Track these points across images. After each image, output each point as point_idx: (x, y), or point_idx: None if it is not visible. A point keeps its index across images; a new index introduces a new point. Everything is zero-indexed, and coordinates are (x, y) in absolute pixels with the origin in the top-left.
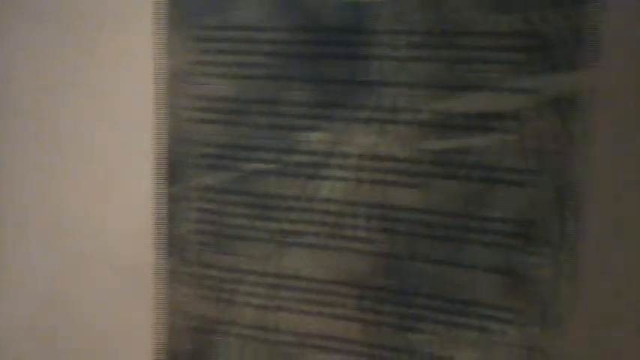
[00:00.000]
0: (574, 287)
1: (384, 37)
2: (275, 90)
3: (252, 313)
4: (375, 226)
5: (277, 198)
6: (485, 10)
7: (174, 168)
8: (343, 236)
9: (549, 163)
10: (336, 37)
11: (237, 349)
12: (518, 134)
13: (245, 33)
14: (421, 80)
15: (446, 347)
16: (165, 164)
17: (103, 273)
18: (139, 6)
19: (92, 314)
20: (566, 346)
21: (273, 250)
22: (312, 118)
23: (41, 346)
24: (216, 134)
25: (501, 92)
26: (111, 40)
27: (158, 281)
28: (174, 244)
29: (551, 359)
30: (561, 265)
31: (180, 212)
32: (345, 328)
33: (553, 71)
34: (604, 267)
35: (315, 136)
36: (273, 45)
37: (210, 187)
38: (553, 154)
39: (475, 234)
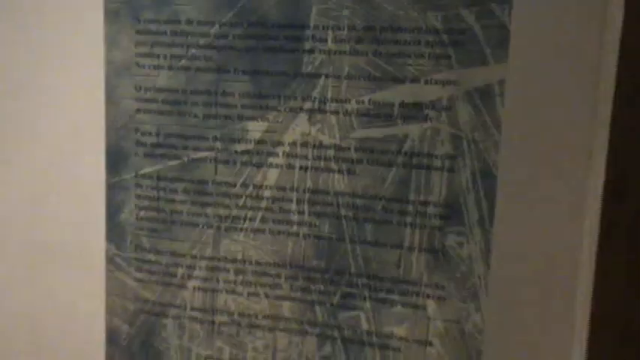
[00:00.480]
0: (487, 264)
1: (316, 31)
2: (213, 81)
3: (193, 296)
4: (307, 210)
5: (215, 185)
6: (407, 8)
7: (118, 157)
8: (277, 220)
9: (466, 149)
10: (272, 32)
11: (179, 331)
12: (437, 123)
13: (185, 27)
14: (349, 72)
15: (374, 322)
16: (109, 154)
17: (54, 260)
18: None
19: (43, 300)
20: (480, 318)
21: (212, 235)
22: (248, 108)
23: None
24: (157, 124)
25: (421, 84)
26: (58, 33)
27: (106, 267)
28: (119, 231)
29: (466, 330)
30: (476, 244)
31: (125, 200)
32: (281, 308)
33: (468, 65)
34: (515, 246)
35: (250, 125)
36: (212, 38)
37: (152, 175)
38: (470, 142)
39: (400, 216)
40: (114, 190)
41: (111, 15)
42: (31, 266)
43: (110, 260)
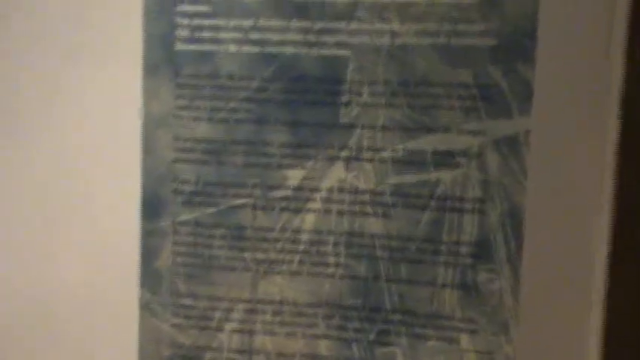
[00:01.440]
0: (517, 298)
1: (353, 85)
2: (252, 132)
3: (231, 338)
4: (343, 252)
5: (253, 230)
6: (438, 65)
7: (155, 205)
8: (315, 262)
9: (494, 193)
10: (310, 86)
11: None
12: (467, 169)
13: (225, 81)
14: (384, 123)
15: (410, 357)
16: (145, 202)
17: (90, 306)
18: (125, 50)
19: (79, 346)
20: (511, 350)
21: (250, 278)
22: (286, 157)
23: None
24: (195, 173)
25: (453, 134)
26: (97, 83)
27: (142, 313)
28: (155, 277)
29: None
30: (506, 280)
31: (161, 246)
32: (318, 346)
33: (496, 117)
34: (542, 280)
35: (289, 173)
36: (252, 92)
37: (190, 222)
38: (498, 186)
39: (433, 255)
40: (150, 237)
41: (150, 69)
42: (67, 311)
43: (144, 306)
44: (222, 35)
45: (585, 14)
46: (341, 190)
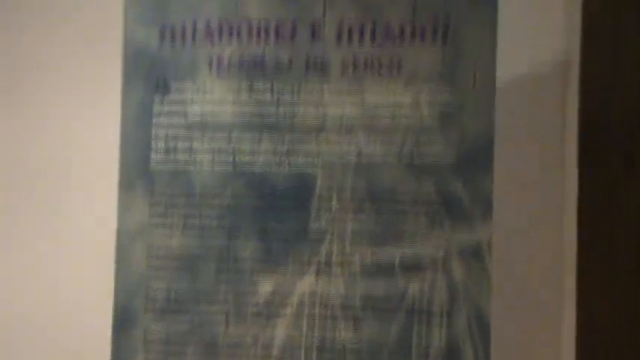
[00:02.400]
0: None
1: (322, 195)
2: (225, 243)
3: None
4: (315, 357)
5: (224, 342)
6: (403, 178)
7: (128, 317)
8: None
9: (461, 300)
10: (280, 198)
11: None
12: (434, 278)
13: (198, 193)
14: (353, 232)
15: None
16: (119, 314)
17: None
18: (101, 167)
19: None
20: None
21: None
22: (258, 267)
23: None
24: (168, 283)
25: (419, 244)
26: (72, 197)
27: None
28: None
29: None
30: None
31: (135, 354)
32: None
33: (458, 227)
34: None
35: (259, 283)
36: (224, 204)
37: (162, 335)
38: (463, 293)
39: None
40: (121, 347)
41: (126, 185)
42: None
43: None
44: (196, 154)
45: (539, 129)
46: (312, 299)
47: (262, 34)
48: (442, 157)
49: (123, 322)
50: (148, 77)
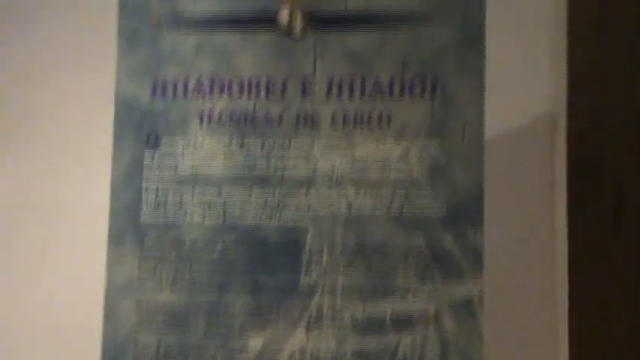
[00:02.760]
0: None
1: (313, 249)
2: (215, 297)
3: None
4: None
5: None
6: (393, 232)
7: None
8: None
9: (452, 354)
10: (271, 251)
11: None
12: (425, 331)
13: (189, 246)
14: (343, 286)
15: None
16: None
17: None
18: (90, 220)
19: None
20: None
21: None
22: (247, 323)
23: None
24: (157, 338)
25: (410, 298)
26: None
27: None
28: None
29: None
30: None
31: None
32: None
33: (449, 280)
34: None
35: (249, 338)
36: (214, 257)
37: None
38: (455, 346)
39: None
40: None
41: (115, 239)
42: None
43: None
44: (186, 207)
45: (529, 181)
46: (302, 355)
47: (253, 90)
48: (432, 210)
49: None
50: (139, 131)
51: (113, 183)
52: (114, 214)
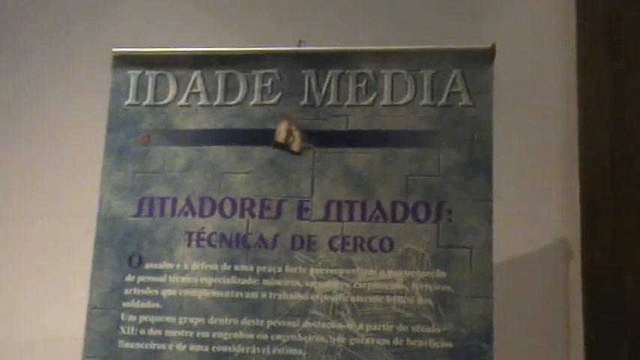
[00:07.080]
0: None
1: None
2: None
3: None
4: None
5: None
6: None
7: None
8: None
9: None
10: None
11: None
12: None
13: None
14: None
15: None
16: None
17: None
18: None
19: None
20: None
21: None
22: None
23: None
24: None
25: None
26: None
27: None
28: None
29: None
30: None
31: None
32: None
33: None
34: None
35: None
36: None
37: None
38: None
39: None
40: None
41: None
42: None
43: None
44: (170, 333)
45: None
46: None
47: (246, 212)
48: (437, 342)
49: None
50: (122, 251)
51: (90, 310)
52: (88, 341)
